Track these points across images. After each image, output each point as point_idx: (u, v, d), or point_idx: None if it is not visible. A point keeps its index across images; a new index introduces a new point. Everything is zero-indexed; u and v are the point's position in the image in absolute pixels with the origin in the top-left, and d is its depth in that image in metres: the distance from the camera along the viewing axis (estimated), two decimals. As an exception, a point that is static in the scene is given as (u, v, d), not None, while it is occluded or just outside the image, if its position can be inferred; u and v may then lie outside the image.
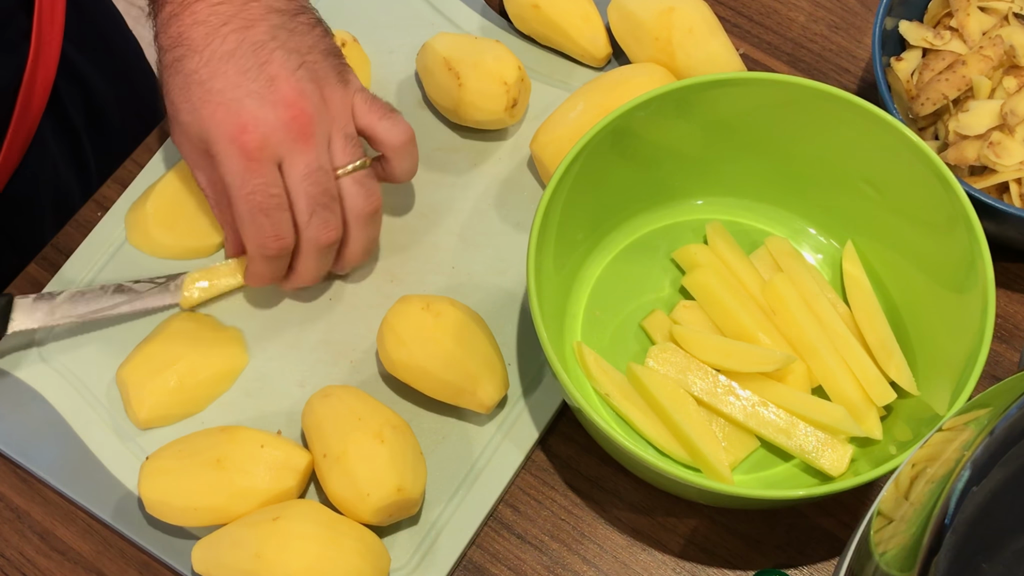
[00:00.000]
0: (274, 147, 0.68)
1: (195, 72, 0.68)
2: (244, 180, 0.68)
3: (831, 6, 0.88)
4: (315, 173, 0.69)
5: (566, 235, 0.73)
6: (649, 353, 0.73)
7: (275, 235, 0.70)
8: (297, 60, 0.69)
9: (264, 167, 0.68)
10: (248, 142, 0.67)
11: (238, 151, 0.67)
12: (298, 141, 0.68)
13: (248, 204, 0.68)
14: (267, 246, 0.70)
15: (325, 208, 0.70)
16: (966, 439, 0.47)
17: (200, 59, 0.68)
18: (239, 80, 0.68)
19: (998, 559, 0.44)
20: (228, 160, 0.68)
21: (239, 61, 0.68)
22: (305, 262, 0.72)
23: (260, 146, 0.67)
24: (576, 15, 0.83)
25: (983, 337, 0.66)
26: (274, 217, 0.69)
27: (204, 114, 0.68)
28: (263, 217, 0.69)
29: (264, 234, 0.70)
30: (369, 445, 0.68)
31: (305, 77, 0.69)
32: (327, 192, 0.70)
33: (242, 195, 0.68)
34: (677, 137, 0.75)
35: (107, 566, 0.72)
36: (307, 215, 0.70)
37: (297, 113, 0.68)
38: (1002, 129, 0.76)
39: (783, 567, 0.72)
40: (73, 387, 0.75)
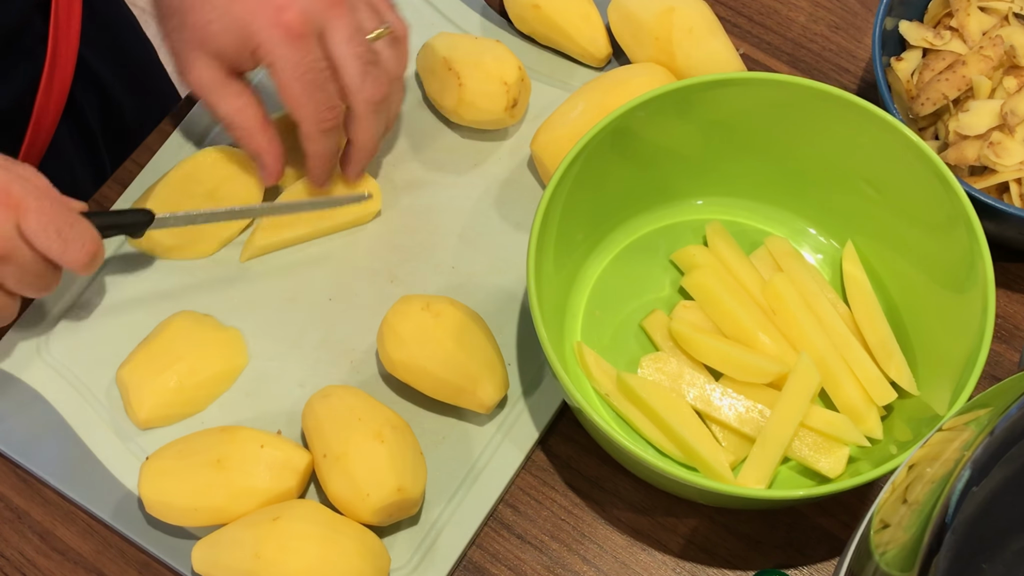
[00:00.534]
0: (314, 18, 0.69)
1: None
2: (295, 61, 0.69)
3: (831, 6, 0.88)
4: (356, 35, 0.71)
5: (566, 235, 0.73)
6: (641, 363, 0.73)
7: (329, 106, 0.71)
8: None
9: (310, 42, 0.69)
10: (291, 20, 0.68)
11: (283, 32, 0.68)
12: (334, 7, 0.70)
13: (303, 82, 0.70)
14: (324, 118, 0.72)
15: (373, 64, 0.72)
16: (966, 439, 0.47)
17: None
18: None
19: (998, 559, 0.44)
20: (275, 44, 0.69)
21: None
22: (365, 125, 0.74)
23: (303, 20, 0.69)
24: (576, 15, 0.83)
25: (983, 337, 0.66)
26: (327, 89, 0.71)
27: (237, 9, 0.69)
28: (318, 91, 0.71)
29: (321, 107, 0.71)
30: (369, 445, 0.68)
31: None
32: (370, 50, 0.72)
33: (297, 75, 0.70)
34: (677, 137, 0.75)
35: (107, 566, 0.72)
36: (360, 76, 0.71)
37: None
38: (1002, 129, 0.76)
39: (783, 567, 0.72)
40: (73, 387, 0.75)
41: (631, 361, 0.74)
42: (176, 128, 0.83)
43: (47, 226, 0.67)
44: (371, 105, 0.73)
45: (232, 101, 0.73)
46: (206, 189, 0.77)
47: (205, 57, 0.71)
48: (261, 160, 0.76)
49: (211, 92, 0.73)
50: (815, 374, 0.70)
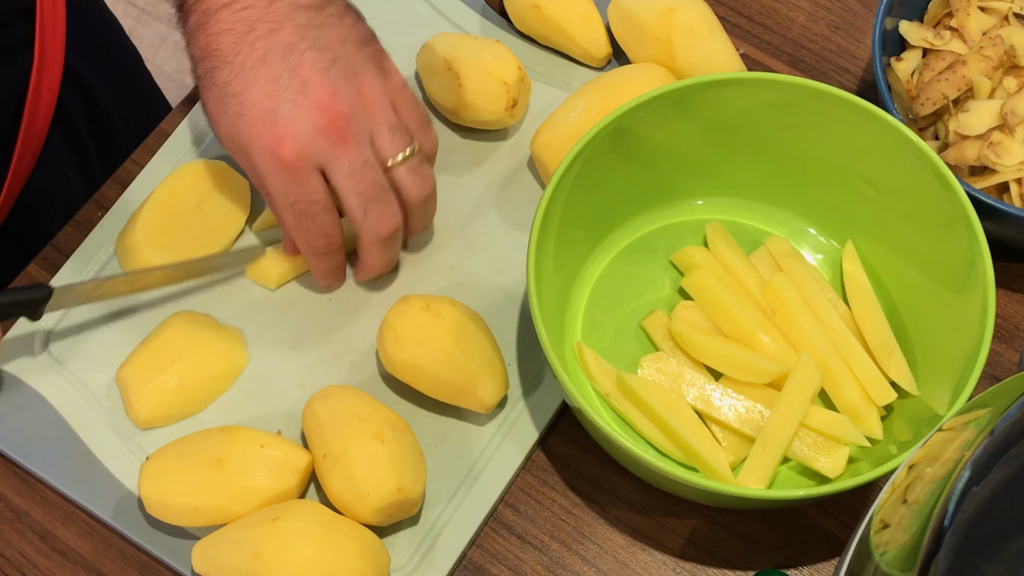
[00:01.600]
0: (313, 155, 0.68)
1: (228, 84, 0.68)
2: (286, 191, 0.69)
3: (831, 6, 0.88)
4: (360, 171, 0.69)
5: (566, 235, 0.73)
6: (641, 363, 0.73)
7: (321, 235, 0.71)
8: (329, 58, 0.68)
9: (304, 176, 0.68)
10: (286, 155, 0.67)
11: (277, 164, 0.68)
12: (337, 144, 0.68)
13: (292, 212, 0.70)
14: (316, 245, 0.72)
15: (378, 200, 0.70)
16: (966, 439, 0.47)
17: (231, 70, 0.68)
18: (272, 89, 0.67)
19: (998, 559, 0.44)
20: (268, 172, 0.68)
21: (270, 68, 0.67)
22: (370, 254, 0.73)
23: (298, 156, 0.68)
24: (576, 15, 0.83)
25: (983, 337, 0.66)
26: (319, 220, 0.70)
27: (241, 127, 0.68)
28: (309, 222, 0.70)
29: (311, 236, 0.71)
30: (369, 445, 0.68)
31: (339, 75, 0.68)
32: (376, 185, 0.70)
33: (286, 205, 0.69)
34: (677, 137, 0.75)
35: (107, 566, 0.72)
36: (360, 212, 0.70)
37: (333, 116, 0.68)
38: (1002, 129, 0.76)
39: (783, 567, 0.72)
40: (73, 387, 0.75)
41: (631, 361, 0.74)
42: (175, 129, 0.83)
43: None
44: (376, 239, 0.72)
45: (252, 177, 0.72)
46: (190, 205, 0.77)
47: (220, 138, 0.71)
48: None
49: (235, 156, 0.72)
50: (815, 374, 0.70)
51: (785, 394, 0.70)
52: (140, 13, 1.86)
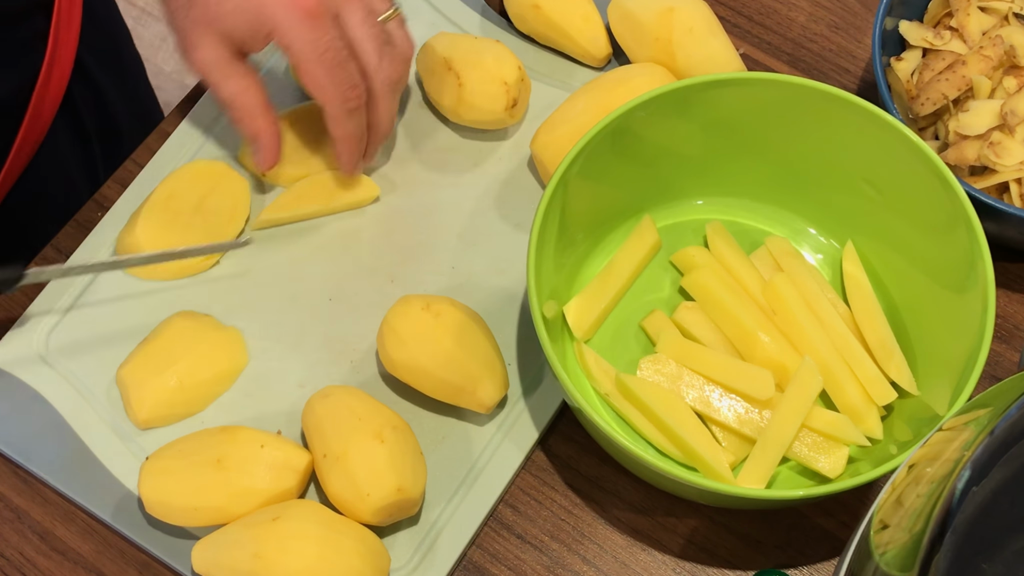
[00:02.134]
0: (329, 1, 0.70)
1: None
2: (315, 40, 0.70)
3: (831, 6, 0.88)
4: (370, 16, 0.72)
5: (566, 235, 0.73)
6: (640, 364, 0.73)
7: (351, 84, 0.72)
8: None
9: (327, 22, 0.70)
10: (307, 1, 0.69)
11: (300, 13, 0.69)
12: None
13: (323, 62, 0.70)
14: (349, 97, 0.72)
15: (388, 45, 0.73)
16: (966, 439, 0.47)
17: None
18: None
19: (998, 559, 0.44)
20: (293, 26, 0.69)
21: None
22: (384, 105, 0.75)
23: (318, 2, 0.69)
24: (576, 15, 0.83)
25: (983, 337, 0.66)
26: (348, 68, 0.71)
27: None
28: (340, 71, 0.71)
29: (344, 86, 0.72)
30: (369, 445, 0.68)
31: None
32: (384, 31, 0.73)
33: (316, 56, 0.70)
34: (677, 137, 0.75)
35: (107, 566, 0.72)
36: (376, 56, 0.72)
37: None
38: (1002, 129, 0.76)
39: (783, 567, 0.72)
40: (73, 387, 0.75)
41: (631, 361, 0.74)
42: (175, 129, 0.83)
43: None
44: (389, 84, 0.74)
45: (236, 82, 0.73)
46: (191, 205, 0.77)
47: (213, 36, 0.71)
48: (259, 142, 0.76)
49: (215, 71, 0.73)
50: (817, 379, 0.70)
51: (787, 397, 0.70)
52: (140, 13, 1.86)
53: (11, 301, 0.78)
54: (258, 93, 0.74)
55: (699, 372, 0.72)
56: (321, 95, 0.72)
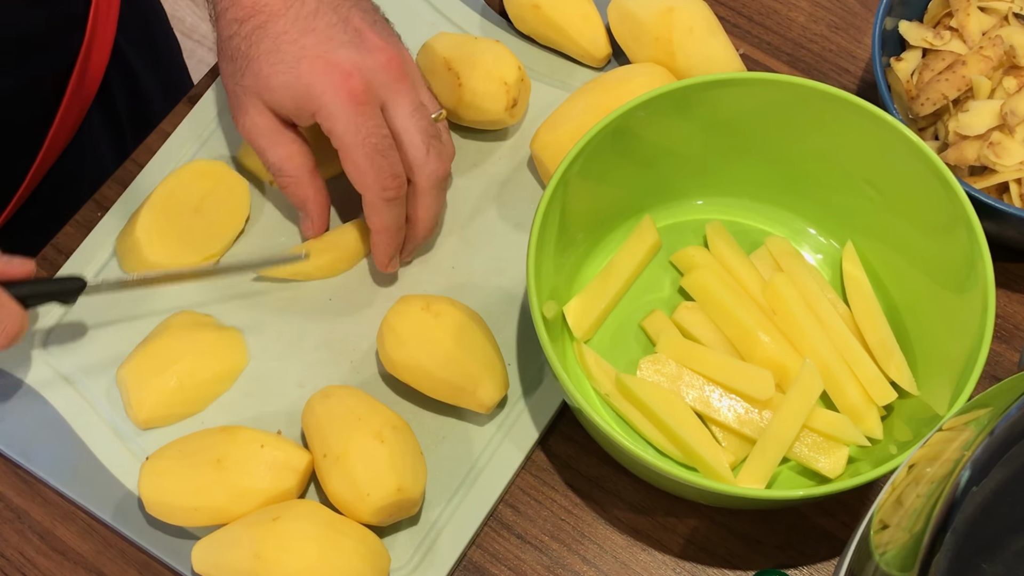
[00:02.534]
0: (377, 89, 0.70)
1: (285, 32, 0.70)
2: (358, 125, 0.69)
3: (831, 6, 0.88)
4: (420, 109, 0.72)
5: (566, 235, 0.73)
6: (640, 365, 0.73)
7: (393, 174, 0.71)
8: (372, 16, 0.72)
9: (373, 109, 0.70)
10: (354, 87, 0.69)
11: (346, 97, 0.69)
12: (398, 81, 0.71)
13: (365, 148, 0.70)
14: (388, 187, 0.71)
15: (437, 139, 0.72)
16: (966, 439, 0.47)
17: (286, 20, 0.70)
18: (330, 34, 0.70)
19: (998, 559, 0.44)
20: (338, 108, 0.69)
21: (324, 18, 0.70)
22: (427, 202, 0.74)
23: (366, 89, 0.69)
24: (576, 15, 0.83)
25: (983, 337, 0.66)
26: (390, 157, 0.71)
27: (303, 68, 0.69)
28: (381, 158, 0.70)
29: (384, 175, 0.71)
30: (369, 445, 0.68)
31: (383, 31, 0.72)
32: (433, 125, 0.72)
33: (358, 141, 0.70)
34: (677, 137, 0.75)
35: (107, 566, 0.72)
36: (424, 148, 0.72)
37: (392, 55, 0.71)
38: (1002, 129, 0.76)
39: (783, 567, 0.72)
40: (73, 387, 0.75)
41: (631, 361, 0.74)
42: (175, 129, 0.83)
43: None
44: (435, 180, 0.73)
45: (283, 148, 0.73)
46: (191, 206, 0.77)
47: (261, 105, 0.72)
48: (306, 210, 0.75)
49: (263, 137, 0.73)
50: (818, 381, 0.70)
51: (788, 399, 0.70)
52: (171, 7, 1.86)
53: (11, 301, 0.78)
54: (304, 160, 0.74)
55: (699, 372, 0.72)
56: (360, 181, 0.71)
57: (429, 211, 0.74)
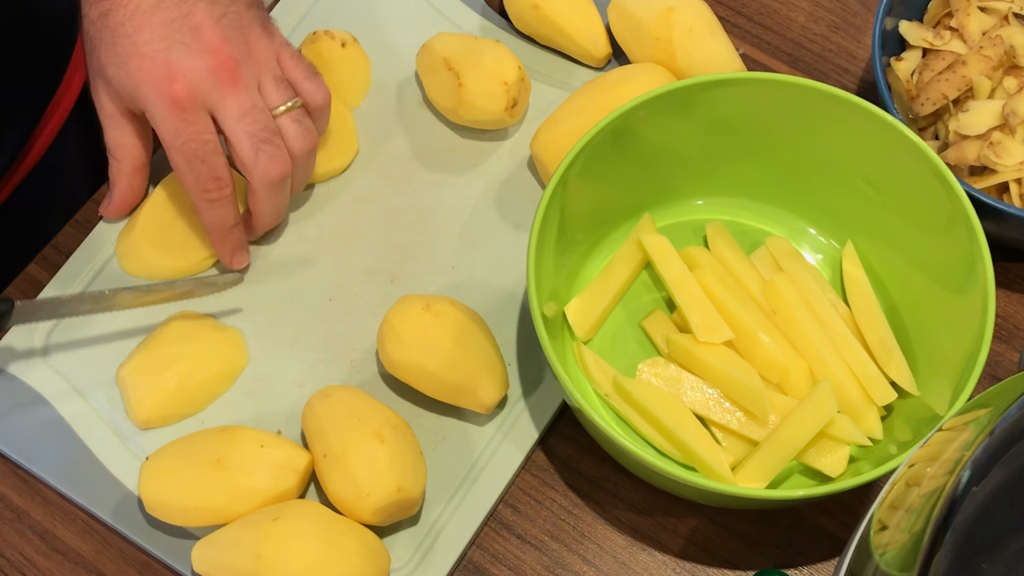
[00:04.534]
0: (203, 94, 0.69)
1: (121, 25, 0.69)
2: (177, 130, 0.69)
3: (831, 6, 0.88)
4: (251, 112, 0.71)
5: (566, 235, 0.73)
6: (639, 368, 0.73)
7: (213, 177, 0.71)
8: (220, 10, 0.71)
9: (195, 115, 0.69)
10: (177, 91, 0.69)
11: (168, 101, 0.69)
12: (227, 85, 0.70)
13: (183, 152, 0.70)
14: (208, 189, 0.71)
15: (268, 143, 0.71)
16: (966, 439, 0.47)
17: (126, 12, 0.69)
18: (164, 31, 0.69)
19: (998, 559, 0.44)
20: (159, 111, 0.69)
21: (164, 13, 0.69)
22: (262, 202, 0.74)
23: (189, 94, 0.69)
24: (576, 15, 0.83)
25: (983, 337, 0.66)
26: (210, 162, 0.71)
27: (132, 67, 0.69)
28: (199, 163, 0.70)
29: (202, 179, 0.71)
30: (369, 445, 0.68)
31: (229, 26, 0.71)
32: (267, 128, 0.71)
33: (176, 145, 0.70)
34: (677, 137, 0.75)
35: (107, 566, 0.72)
36: (252, 152, 0.71)
37: (224, 59, 0.70)
38: (1002, 129, 0.76)
39: (783, 567, 0.72)
40: (73, 387, 0.75)
41: (631, 362, 0.74)
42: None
43: None
44: (266, 182, 0.72)
45: (118, 133, 0.74)
46: (190, 205, 0.77)
47: (106, 87, 0.72)
48: (111, 193, 0.77)
49: (105, 118, 0.74)
50: (832, 404, 0.69)
51: (798, 413, 0.69)
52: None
53: (11, 301, 0.78)
54: (133, 153, 0.75)
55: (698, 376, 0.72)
56: (182, 182, 0.72)
57: (265, 207, 0.74)
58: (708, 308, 0.72)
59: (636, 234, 0.76)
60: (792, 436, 0.69)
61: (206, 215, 0.73)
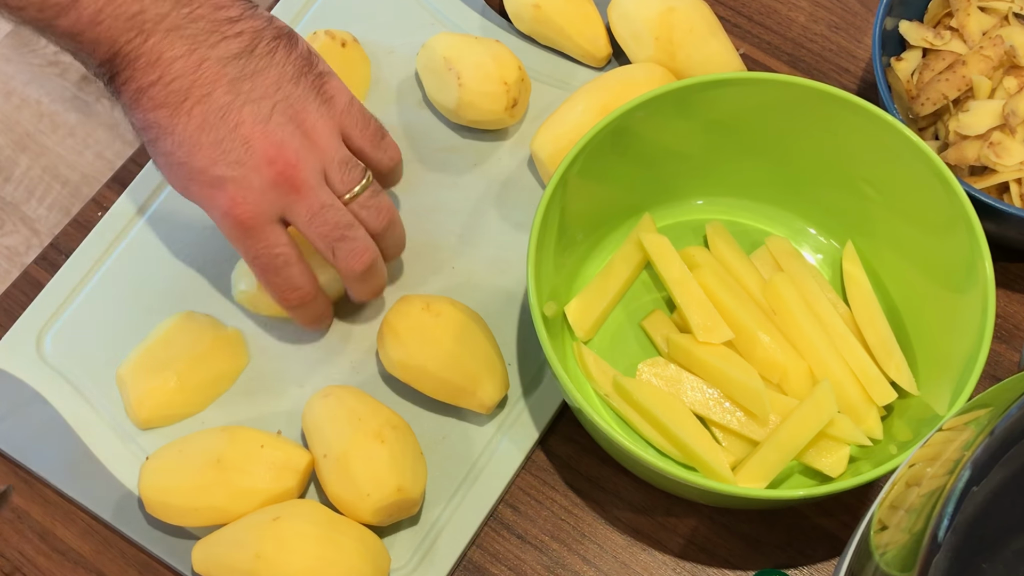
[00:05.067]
0: (268, 211, 0.68)
1: (172, 154, 0.67)
2: (248, 248, 0.69)
3: (831, 6, 0.88)
4: (319, 214, 0.69)
5: (566, 235, 0.73)
6: (639, 369, 0.73)
7: (290, 288, 0.71)
8: (268, 106, 0.67)
9: (262, 232, 0.68)
10: (241, 216, 0.67)
11: (234, 224, 0.68)
12: (290, 193, 0.68)
13: (258, 266, 0.70)
14: (288, 298, 0.72)
15: (343, 240, 0.70)
16: (966, 439, 0.47)
17: (173, 141, 0.67)
18: (215, 154, 0.66)
19: (998, 559, 0.44)
20: (228, 233, 0.69)
21: (211, 133, 0.66)
22: (354, 288, 0.73)
23: (254, 215, 0.68)
24: (576, 15, 0.83)
25: (983, 337, 0.66)
26: (284, 273, 0.70)
27: (193, 191, 0.68)
28: (273, 276, 0.70)
29: (280, 289, 0.71)
30: (369, 445, 0.68)
31: (281, 122, 0.67)
32: (339, 224, 0.69)
33: (249, 259, 0.70)
34: (677, 137, 0.75)
35: (107, 566, 0.72)
36: (330, 252, 0.70)
37: (281, 167, 0.67)
38: (1002, 129, 0.76)
39: (783, 567, 0.72)
40: (73, 387, 0.75)
41: (631, 362, 0.74)
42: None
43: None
44: (351, 276, 0.72)
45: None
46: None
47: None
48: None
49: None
50: (833, 404, 0.69)
51: (798, 414, 0.69)
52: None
53: (11, 301, 0.78)
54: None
55: (698, 376, 0.72)
56: (265, 289, 0.72)
57: (361, 293, 0.74)
58: (708, 308, 0.72)
59: (636, 234, 0.76)
60: (792, 436, 0.69)
61: (294, 314, 0.73)
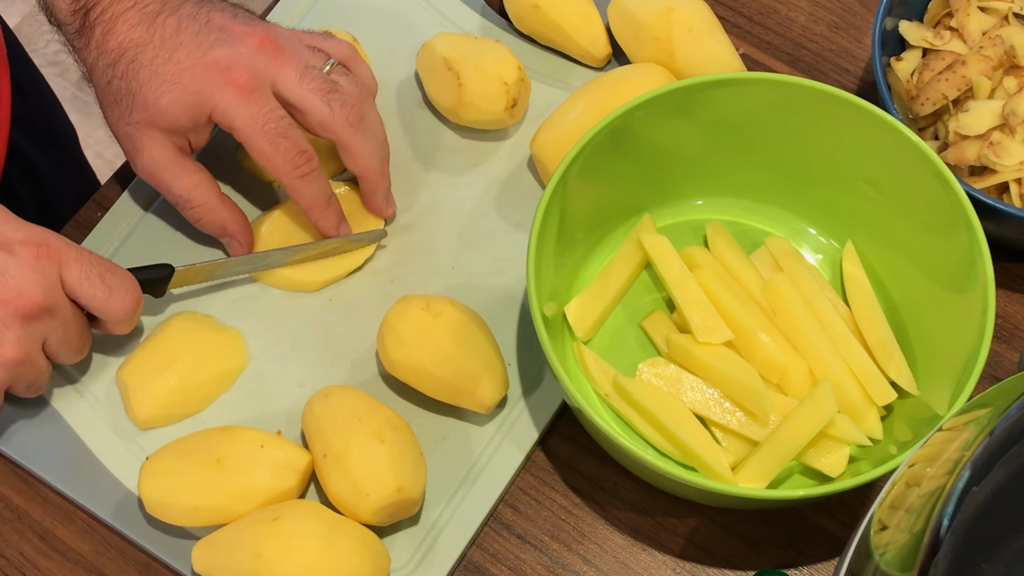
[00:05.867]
0: (261, 72, 0.71)
1: (156, 56, 0.70)
2: (254, 115, 0.71)
3: (831, 6, 0.88)
4: (307, 72, 0.72)
5: (566, 235, 0.73)
6: (639, 369, 0.73)
7: (299, 151, 0.72)
8: (231, 11, 0.73)
9: (262, 95, 0.71)
10: (238, 78, 0.70)
11: (235, 90, 0.70)
12: (277, 56, 0.72)
13: (265, 134, 0.71)
14: (298, 164, 0.72)
15: (334, 92, 0.73)
16: (966, 439, 0.47)
17: (154, 46, 0.71)
18: (198, 41, 0.71)
19: (998, 559, 0.44)
20: (230, 103, 0.70)
21: (187, 30, 0.71)
22: (356, 150, 0.74)
23: (250, 76, 0.70)
24: (576, 15, 0.83)
25: (983, 337, 0.66)
26: (291, 136, 0.72)
27: (186, 80, 0.70)
28: (283, 140, 0.71)
29: (290, 155, 0.72)
30: (369, 445, 0.68)
31: (245, 17, 0.73)
32: (326, 80, 0.73)
33: (256, 129, 0.71)
34: (677, 137, 0.75)
35: (107, 566, 0.72)
36: (325, 105, 0.72)
37: (261, 36, 0.71)
38: (1002, 129, 0.76)
39: (783, 567, 0.72)
40: (73, 387, 0.75)
41: (631, 362, 0.74)
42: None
43: (90, 274, 0.68)
44: (350, 128, 0.73)
45: (187, 178, 0.74)
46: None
47: (158, 135, 0.72)
48: (228, 231, 0.76)
49: (164, 171, 0.73)
50: (833, 404, 0.69)
51: (798, 414, 0.69)
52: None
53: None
54: (211, 185, 0.75)
55: (698, 376, 0.72)
56: (272, 168, 0.72)
57: (364, 158, 0.75)
58: (708, 308, 0.72)
59: (636, 234, 0.76)
60: (792, 436, 0.69)
61: (304, 193, 0.74)
